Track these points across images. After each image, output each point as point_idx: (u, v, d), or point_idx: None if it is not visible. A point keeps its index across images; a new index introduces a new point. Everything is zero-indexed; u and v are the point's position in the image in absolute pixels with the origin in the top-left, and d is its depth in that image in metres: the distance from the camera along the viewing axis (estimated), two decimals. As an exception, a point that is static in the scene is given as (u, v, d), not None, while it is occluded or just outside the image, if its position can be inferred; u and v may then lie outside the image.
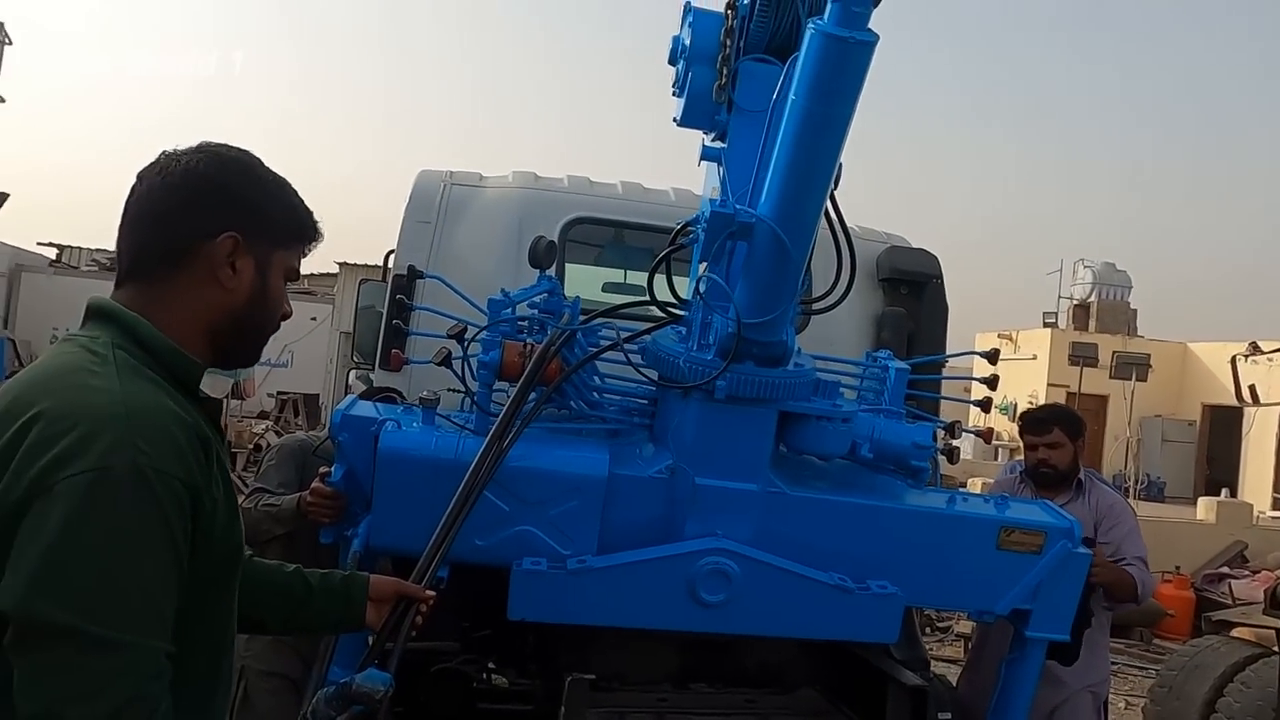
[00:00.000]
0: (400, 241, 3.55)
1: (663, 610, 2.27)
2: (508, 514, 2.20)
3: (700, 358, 2.20)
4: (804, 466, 2.64)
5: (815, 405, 2.37)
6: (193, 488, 1.21)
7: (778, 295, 2.03)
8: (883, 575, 2.45)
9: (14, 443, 1.14)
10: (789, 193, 1.85)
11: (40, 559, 1.10)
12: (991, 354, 3.20)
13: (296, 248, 1.45)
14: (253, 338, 1.42)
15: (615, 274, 4.24)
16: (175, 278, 1.32)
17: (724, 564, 2.25)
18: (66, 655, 1.10)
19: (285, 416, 11.89)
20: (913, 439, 2.54)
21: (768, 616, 2.34)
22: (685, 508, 2.30)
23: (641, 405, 2.55)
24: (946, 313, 3.69)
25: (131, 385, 1.21)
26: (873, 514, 2.50)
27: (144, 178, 1.35)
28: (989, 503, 2.84)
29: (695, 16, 2.27)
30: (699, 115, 2.32)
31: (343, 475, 2.38)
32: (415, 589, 1.77)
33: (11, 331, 15.86)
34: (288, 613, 1.69)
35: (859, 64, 1.67)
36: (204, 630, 1.30)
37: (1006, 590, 2.59)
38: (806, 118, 1.74)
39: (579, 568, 2.21)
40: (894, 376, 2.73)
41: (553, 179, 3.87)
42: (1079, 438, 3.50)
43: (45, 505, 1.11)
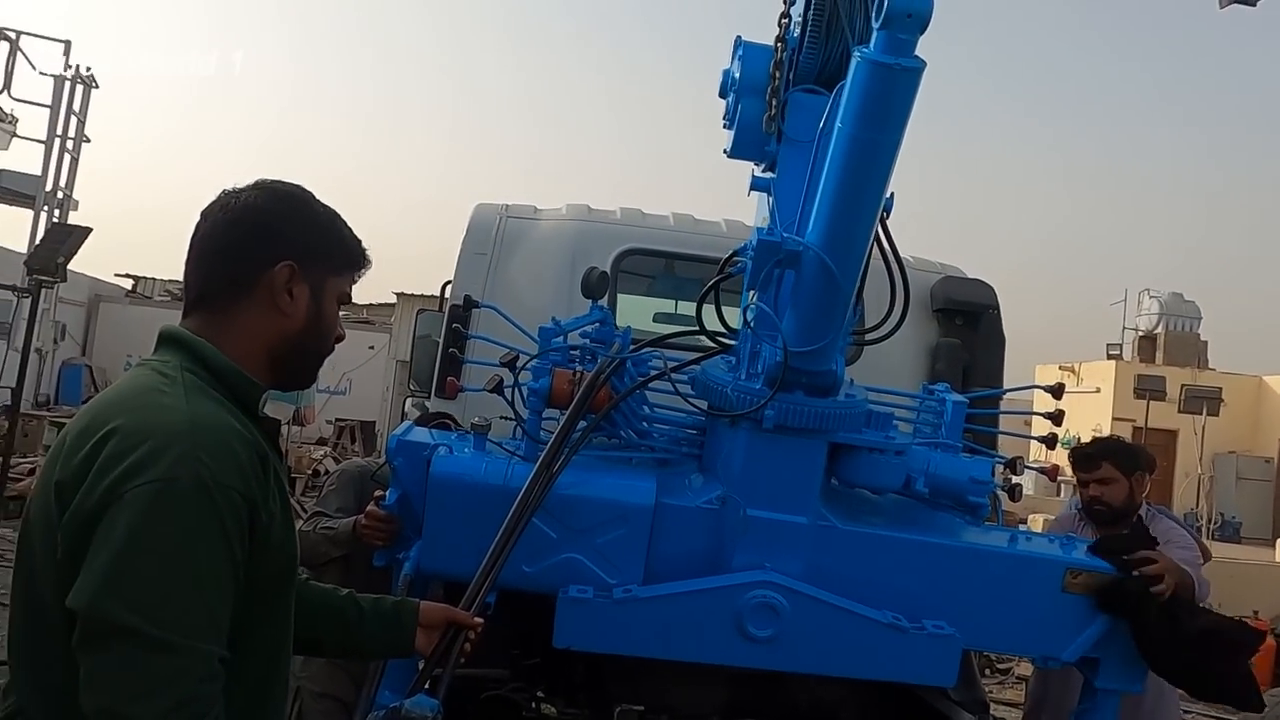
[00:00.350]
0: (457, 272, 3.64)
1: (709, 643, 2.22)
2: (555, 541, 2.20)
3: (748, 386, 2.18)
4: (857, 501, 2.58)
5: (867, 437, 2.32)
6: (250, 500, 1.28)
7: (826, 324, 2.00)
8: (939, 615, 2.35)
9: (92, 455, 1.23)
10: (836, 220, 1.84)
11: (109, 562, 1.18)
12: (1056, 388, 3.09)
13: (348, 274, 1.53)
14: (309, 360, 1.50)
15: (667, 304, 4.27)
16: (237, 306, 1.41)
17: (772, 598, 2.20)
18: (128, 654, 1.16)
19: (343, 443, 12.15)
20: (970, 474, 2.47)
21: (817, 654, 2.27)
22: (733, 539, 2.26)
23: (690, 435, 2.53)
24: (1003, 344, 3.61)
25: (197, 404, 1.29)
26: (928, 551, 2.41)
27: (207, 215, 1.44)
28: (1053, 542, 2.74)
29: (745, 50, 2.28)
30: (749, 147, 2.33)
31: (397, 499, 2.41)
32: (464, 615, 1.78)
33: (89, 358, 16.51)
34: (340, 635, 1.73)
35: (906, 91, 1.66)
36: (259, 638, 1.35)
37: (1073, 636, 2.46)
38: (853, 145, 1.73)
39: (625, 597, 2.18)
40: (951, 409, 2.67)
41: (605, 211, 3.92)
42: (1135, 471, 3.31)
43: (115, 512, 1.19)
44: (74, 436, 1.29)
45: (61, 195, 7.63)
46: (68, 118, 7.80)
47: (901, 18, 1.54)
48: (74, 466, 1.24)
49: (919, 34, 1.59)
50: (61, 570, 1.22)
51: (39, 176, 7.44)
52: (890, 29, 1.57)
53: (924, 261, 3.74)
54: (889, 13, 1.54)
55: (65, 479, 1.24)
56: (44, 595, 1.26)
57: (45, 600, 1.26)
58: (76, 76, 7.84)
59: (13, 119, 7.30)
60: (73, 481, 1.23)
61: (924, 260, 3.75)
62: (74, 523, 1.21)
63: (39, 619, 1.27)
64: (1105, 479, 3.28)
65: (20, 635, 1.32)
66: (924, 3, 1.54)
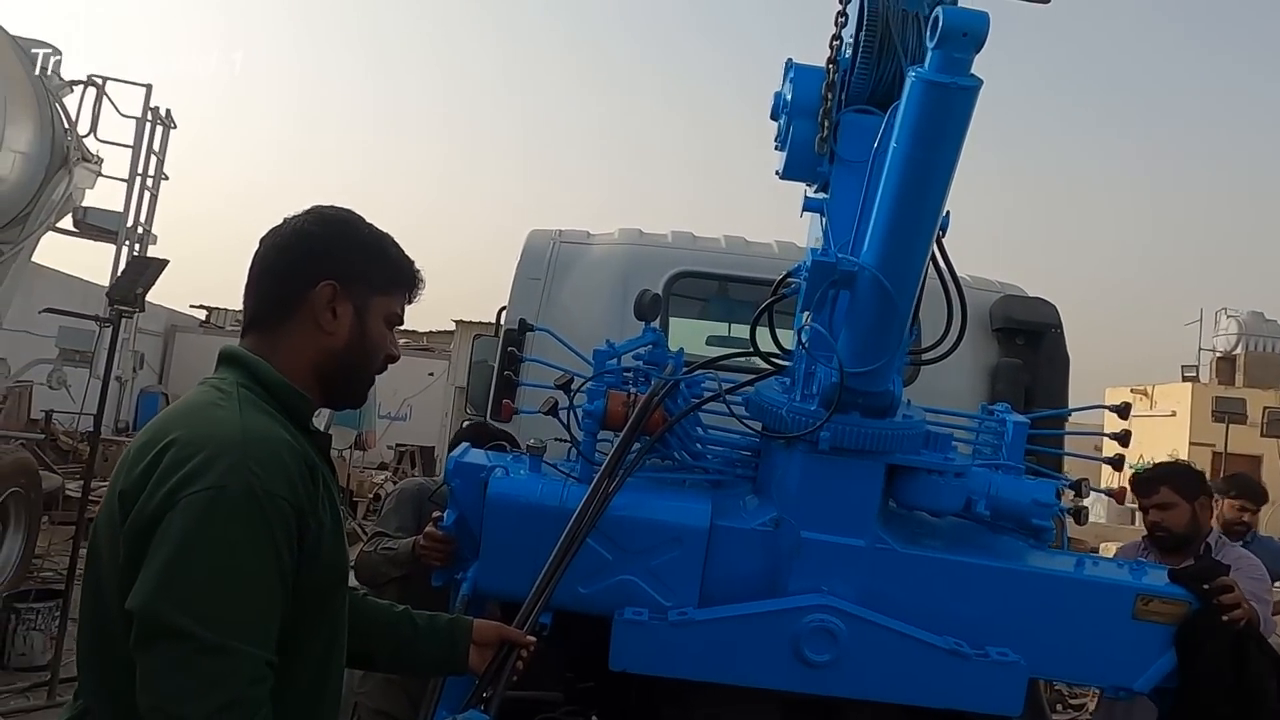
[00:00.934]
0: (511, 297, 3.65)
1: (765, 668, 2.18)
2: (610, 563, 2.18)
3: (803, 408, 2.15)
4: (916, 523, 2.51)
5: (925, 458, 2.26)
6: (298, 509, 1.31)
7: (882, 344, 1.97)
8: (1003, 642, 2.27)
9: (152, 465, 1.29)
10: (893, 240, 1.81)
11: (162, 566, 1.22)
12: (1122, 408, 2.98)
13: (397, 294, 1.55)
14: (355, 377, 1.53)
15: (719, 327, 4.23)
16: (287, 325, 1.46)
17: (830, 622, 2.15)
18: (179, 655, 1.20)
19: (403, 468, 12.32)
20: (1034, 496, 2.38)
21: (876, 680, 2.21)
22: (788, 561, 2.22)
23: (745, 456, 2.50)
24: (1067, 364, 3.49)
25: (250, 417, 1.34)
26: (992, 575, 2.33)
27: (263, 241, 1.51)
28: (1123, 568, 2.63)
29: (796, 72, 2.27)
30: (801, 168, 2.31)
31: (454, 520, 2.43)
32: (517, 634, 1.79)
33: (165, 386, 17.04)
34: (394, 650, 1.75)
35: (962, 110, 1.63)
36: (309, 644, 1.38)
37: (1145, 666, 2.35)
38: (909, 165, 1.71)
39: (680, 619, 2.15)
40: (1012, 430, 2.59)
41: (657, 234, 3.92)
42: (1197, 496, 3.20)
43: (170, 518, 1.24)
44: (137, 449, 1.34)
45: (141, 230, 7.98)
46: (148, 157, 8.15)
47: (957, 36, 1.52)
48: (136, 476, 1.29)
49: (974, 52, 1.56)
50: (123, 576, 1.26)
51: (121, 213, 7.81)
52: (945, 48, 1.55)
53: (983, 280, 3.65)
54: (944, 31, 1.52)
55: (128, 488, 1.30)
56: (108, 601, 1.31)
57: (109, 606, 1.30)
58: (156, 118, 8.20)
59: (98, 160, 7.66)
60: (134, 490, 1.28)
61: (982, 279, 3.66)
62: (134, 529, 1.26)
63: (104, 624, 1.32)
64: (1164, 504, 3.18)
65: (88, 639, 1.37)
66: (979, 21, 1.52)
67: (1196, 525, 3.17)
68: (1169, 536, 3.15)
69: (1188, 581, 2.40)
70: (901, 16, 2.12)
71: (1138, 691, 2.39)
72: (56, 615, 5.59)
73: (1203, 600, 2.34)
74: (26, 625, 5.75)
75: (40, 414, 9.05)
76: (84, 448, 8.33)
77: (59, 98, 7.10)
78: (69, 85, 7.31)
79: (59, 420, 9.35)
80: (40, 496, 7.04)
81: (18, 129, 6.21)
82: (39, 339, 7.55)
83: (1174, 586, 2.40)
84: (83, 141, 7.37)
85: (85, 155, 7.40)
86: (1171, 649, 2.33)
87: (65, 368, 7.22)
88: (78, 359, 7.17)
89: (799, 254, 3.67)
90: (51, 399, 8.25)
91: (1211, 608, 2.33)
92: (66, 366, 7.22)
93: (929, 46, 1.58)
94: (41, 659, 5.65)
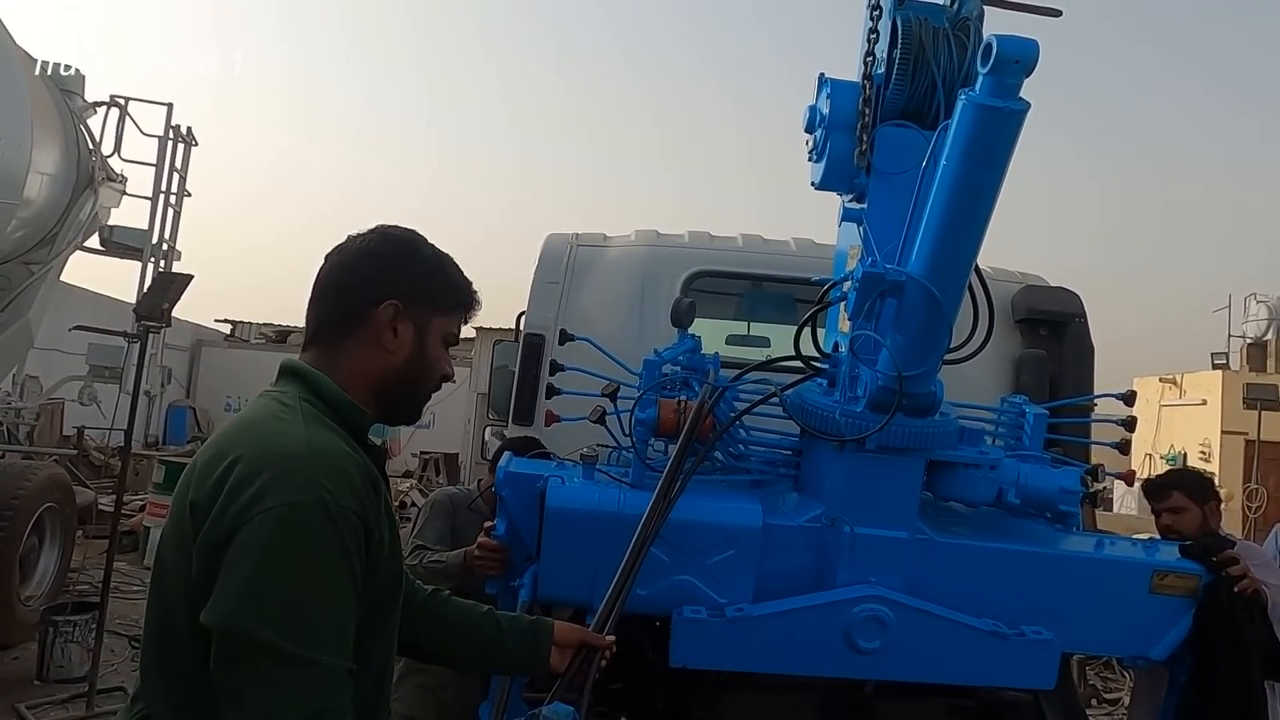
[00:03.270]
0: (530, 301, 3.59)
1: (819, 657, 2.19)
2: (668, 564, 2.18)
3: (854, 410, 2.16)
4: (946, 513, 2.54)
5: (962, 453, 2.29)
6: (365, 521, 1.29)
7: (929, 349, 1.99)
8: (1035, 620, 2.31)
9: (222, 480, 1.26)
10: (942, 252, 1.82)
11: (244, 582, 1.20)
12: (1128, 395, 3.01)
13: (455, 315, 1.53)
14: (413, 396, 1.51)
15: (739, 326, 4.19)
16: (349, 341, 1.44)
17: (880, 611, 2.17)
18: (268, 670, 1.18)
19: (428, 475, 12.22)
20: (1060, 484, 2.41)
21: (923, 663, 2.23)
22: (836, 555, 2.23)
23: (785, 456, 2.51)
24: (1092, 353, 3.42)
25: (315, 432, 1.32)
26: (1023, 559, 2.36)
27: (329, 257, 1.48)
28: (1137, 546, 2.66)
29: (833, 87, 2.28)
30: (838, 179, 2.32)
31: (505, 529, 2.42)
32: (598, 637, 1.79)
33: (193, 400, 16.90)
34: (478, 651, 1.74)
35: (1011, 131, 1.65)
36: (372, 651, 1.36)
37: (1161, 635, 2.41)
38: (959, 182, 1.72)
39: (738, 615, 2.16)
40: (1032, 421, 2.61)
41: (674, 235, 3.85)
42: (1207, 500, 3.22)
43: (246, 534, 1.21)
44: (204, 463, 1.31)
45: (166, 247, 7.91)
46: (170, 174, 8.06)
47: (1010, 63, 1.53)
48: (207, 489, 1.26)
49: (1024, 78, 1.57)
50: (194, 587, 1.24)
51: (145, 231, 7.73)
52: (998, 74, 1.56)
53: (1004, 271, 3.57)
54: (997, 59, 1.53)
55: (199, 499, 1.27)
56: (175, 611, 1.28)
57: (176, 615, 1.28)
58: (178, 136, 8.12)
59: (122, 179, 7.57)
60: (206, 502, 1.25)
61: (1004, 270, 3.58)
62: (208, 543, 1.23)
63: (169, 633, 1.30)
64: (1176, 508, 3.21)
65: (152, 647, 1.35)
66: (1031, 50, 1.54)
67: (1206, 527, 3.21)
68: (1180, 540, 3.19)
69: (1198, 555, 2.46)
70: (934, 34, 2.13)
71: (1154, 659, 2.43)
72: (93, 628, 5.55)
73: (1212, 572, 2.40)
74: (64, 638, 5.70)
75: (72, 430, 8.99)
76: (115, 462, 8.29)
77: (83, 119, 7.02)
78: (92, 107, 7.22)
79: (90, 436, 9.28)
80: (74, 511, 6.99)
81: (44, 152, 6.14)
82: (69, 356, 7.49)
83: (1185, 561, 2.46)
84: (107, 161, 7.29)
85: (110, 175, 7.32)
86: (1185, 618, 2.39)
87: (95, 384, 7.16)
88: (107, 375, 7.11)
89: (816, 251, 3.67)
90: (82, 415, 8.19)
91: (1221, 579, 2.38)
92: (96, 383, 7.16)
93: (981, 72, 1.59)
94: (79, 671, 5.61)
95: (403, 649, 1.66)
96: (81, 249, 7.42)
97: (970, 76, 2.11)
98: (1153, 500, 3.29)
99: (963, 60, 2.13)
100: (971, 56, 2.11)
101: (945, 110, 2.10)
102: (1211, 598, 2.38)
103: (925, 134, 2.14)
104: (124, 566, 8.12)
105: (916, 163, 2.04)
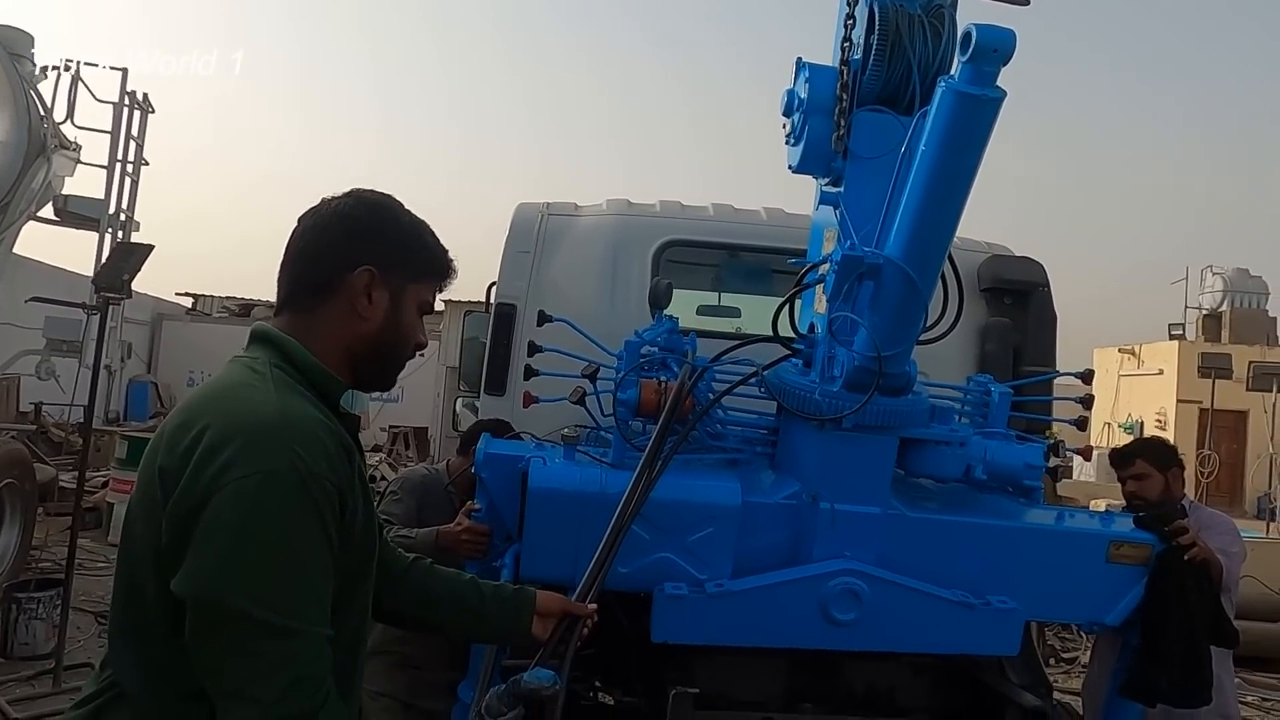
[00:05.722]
0: (501, 272, 3.55)
1: (797, 629, 2.26)
2: (649, 542, 2.22)
3: (831, 390, 2.20)
4: (916, 489, 2.61)
5: (934, 431, 2.36)
6: (339, 488, 1.28)
7: (906, 330, 2.04)
8: (999, 590, 2.40)
9: (190, 448, 1.23)
10: (919, 236, 1.86)
11: (220, 551, 1.18)
12: (1085, 374, 3.11)
13: (430, 283, 1.51)
14: (387, 363, 1.49)
15: (709, 297, 4.17)
16: (322, 307, 1.41)
17: (854, 584, 2.24)
18: (246, 639, 1.17)
19: (397, 449, 12.11)
20: (1025, 459, 2.49)
21: (895, 633, 2.32)
22: (814, 531, 2.30)
23: (761, 435, 2.56)
24: (1055, 321, 3.48)
25: (286, 399, 1.30)
26: (989, 532, 2.45)
27: (302, 220, 1.45)
28: (1095, 518, 2.77)
29: (811, 72, 2.29)
30: (815, 163, 2.34)
31: (486, 509, 2.45)
32: (580, 605, 1.80)
33: (154, 375, 16.51)
34: (461, 619, 1.74)
35: (988, 118, 1.69)
36: (346, 618, 1.35)
37: (1117, 602, 2.52)
38: (937, 167, 1.76)
39: (718, 591, 2.21)
40: (997, 399, 2.69)
41: (645, 205, 3.81)
42: (1170, 467, 3.35)
43: (218, 502, 1.18)
44: (172, 430, 1.28)
45: (124, 217, 7.68)
46: (126, 142, 7.77)
47: (988, 53, 1.57)
48: (177, 456, 1.24)
49: (1001, 66, 1.61)
50: (163, 556, 1.22)
51: (102, 200, 7.50)
52: (976, 62, 1.59)
53: (970, 242, 3.58)
54: (976, 48, 1.56)
55: (168, 466, 1.24)
56: (144, 578, 1.26)
57: (146, 583, 1.26)
58: (133, 102, 7.85)
59: (76, 146, 7.30)
60: (175, 470, 1.23)
61: (970, 240, 3.59)
62: (178, 513, 1.21)
63: (138, 600, 1.28)
64: (1140, 474, 3.33)
65: (121, 614, 1.33)
66: (1008, 40, 1.57)
67: (1169, 493, 3.33)
68: (1144, 505, 3.30)
69: (1151, 525, 2.57)
70: (910, 20, 2.15)
71: (1109, 625, 2.55)
72: (58, 604, 5.49)
73: (1164, 542, 2.51)
74: (28, 615, 5.66)
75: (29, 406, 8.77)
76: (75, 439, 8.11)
77: (33, 84, 6.76)
78: (43, 71, 6.95)
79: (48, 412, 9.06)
80: (35, 488, 6.87)
81: (-7, 117, 5.92)
82: (25, 331, 7.27)
83: (1139, 531, 2.57)
84: (59, 128, 7.04)
85: (63, 142, 7.08)
86: (1138, 586, 2.50)
87: (54, 358, 6.99)
88: (65, 349, 6.93)
89: (786, 221, 3.69)
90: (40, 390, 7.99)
91: (1172, 548, 2.49)
92: (54, 357, 6.99)
93: (961, 60, 1.62)
94: (44, 648, 5.57)
95: (386, 618, 1.67)
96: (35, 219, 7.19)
97: (944, 63, 2.14)
98: (1118, 468, 3.41)
99: (938, 47, 2.16)
100: (946, 43, 2.14)
101: (921, 96, 2.13)
102: (1162, 566, 2.49)
103: (901, 119, 2.17)
104: (87, 543, 7.99)
105: (893, 147, 2.07)
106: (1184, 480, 3.44)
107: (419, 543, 2.85)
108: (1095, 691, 3.24)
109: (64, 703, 4.86)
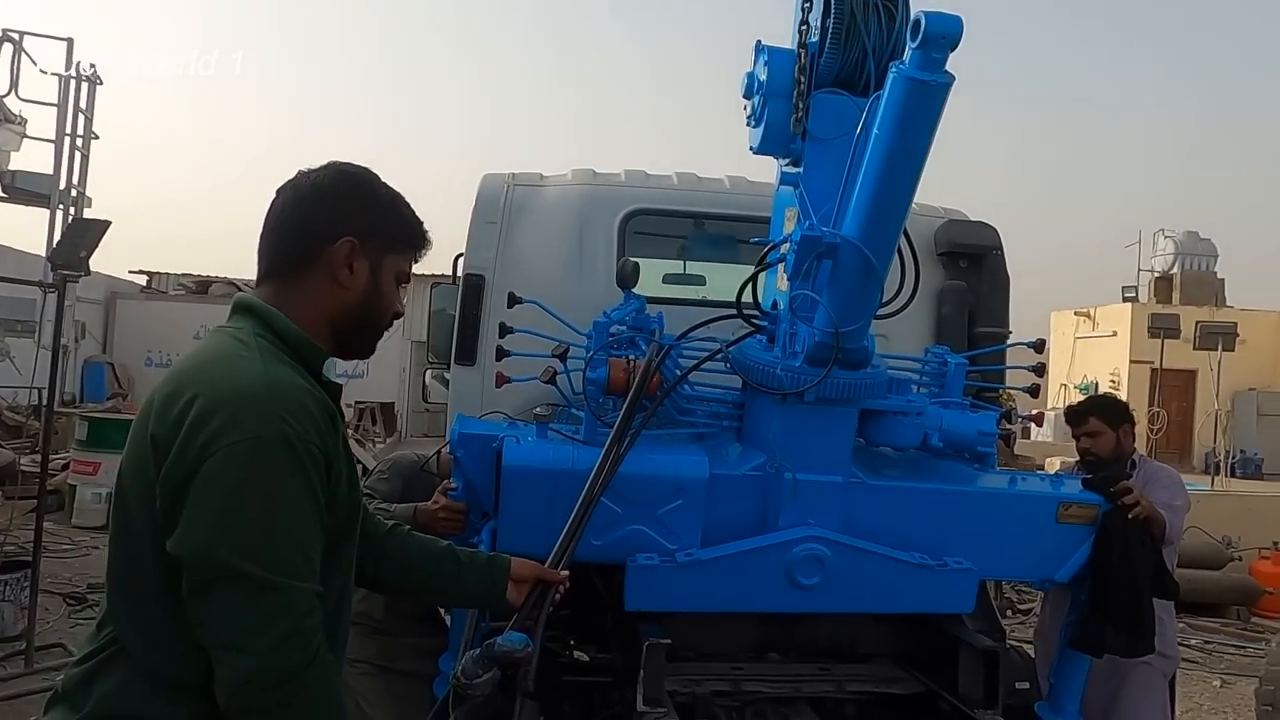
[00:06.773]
0: (468, 243, 3.56)
1: (764, 594, 2.36)
2: (621, 515, 2.30)
3: (794, 365, 2.28)
4: (876, 457, 2.72)
5: (892, 402, 2.46)
6: (326, 453, 1.34)
7: (862, 306, 2.11)
8: (956, 552, 2.52)
9: (180, 417, 1.28)
10: (873, 215, 1.93)
11: (215, 513, 1.24)
12: (1037, 343, 3.21)
13: (407, 253, 1.55)
14: (367, 332, 1.54)
15: (675, 265, 4.22)
16: (303, 277, 1.45)
17: (818, 550, 2.34)
18: (240, 595, 1.24)
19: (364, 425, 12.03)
20: (978, 427, 2.61)
21: (858, 595, 2.43)
22: (779, 500, 2.39)
23: (727, 409, 2.63)
24: (1008, 284, 3.58)
25: (272, 367, 1.35)
26: (945, 497, 2.57)
27: (281, 192, 1.49)
28: (1044, 481, 2.91)
29: (770, 55, 2.34)
30: (775, 144, 2.40)
31: (463, 488, 2.51)
32: (552, 572, 1.86)
33: (110, 356, 16.11)
34: (437, 585, 1.80)
35: (938, 102, 1.75)
36: (332, 577, 1.41)
37: (1066, 560, 2.65)
38: (889, 149, 1.82)
39: (688, 560, 2.30)
40: (953, 369, 2.80)
41: (610, 174, 3.83)
42: (1121, 424, 3.50)
43: (211, 467, 1.24)
44: (162, 399, 1.33)
45: (75, 193, 7.46)
46: (75, 116, 7.49)
47: (937, 39, 1.63)
48: (168, 424, 1.28)
49: (949, 52, 1.67)
50: (158, 519, 1.28)
51: (51, 176, 7.25)
52: (926, 49, 1.65)
53: (927, 207, 3.65)
54: (925, 35, 1.63)
55: (160, 433, 1.29)
56: (141, 538, 1.31)
57: (142, 542, 1.31)
58: (81, 75, 7.58)
59: (21, 120, 7.05)
60: (167, 437, 1.28)
61: (927, 206, 3.66)
62: (172, 478, 1.26)
63: (135, 560, 1.33)
64: (1093, 432, 3.47)
65: (118, 574, 1.38)
66: (956, 26, 1.64)
67: (1120, 449, 3.48)
68: (1097, 461, 3.45)
69: (1098, 486, 2.71)
70: (864, 4, 2.20)
71: (1059, 581, 2.69)
72: (25, 586, 5.46)
73: (1109, 501, 2.64)
74: (-4, 598, 5.61)
75: (-18, 388, 8.57)
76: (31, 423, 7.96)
77: (-29, 55, 6.53)
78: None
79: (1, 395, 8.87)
80: (-5, 472, 6.77)
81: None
82: (-25, 312, 7.10)
83: (1086, 493, 2.70)
84: (3, 101, 6.81)
85: (7, 115, 6.85)
86: (1086, 544, 2.63)
87: (7, 339, 6.85)
88: (19, 329, 6.80)
89: (750, 189, 3.75)
90: (-7, 372, 7.82)
91: (1117, 508, 2.63)
92: (9, 337, 6.85)
93: (911, 46, 1.68)
94: (13, 630, 5.55)
95: (364, 583, 1.71)
96: (-19, 197, 6.98)
97: (899, 46, 2.20)
98: (1072, 425, 3.55)
99: (892, 30, 2.22)
100: (900, 27, 2.20)
101: (876, 79, 2.19)
102: (1107, 525, 2.62)
103: (858, 101, 2.23)
104: (50, 526, 7.89)
105: (850, 129, 2.14)
106: (1134, 436, 3.60)
107: (397, 519, 2.91)
108: (1046, 640, 3.41)
109: (36, 683, 4.87)
